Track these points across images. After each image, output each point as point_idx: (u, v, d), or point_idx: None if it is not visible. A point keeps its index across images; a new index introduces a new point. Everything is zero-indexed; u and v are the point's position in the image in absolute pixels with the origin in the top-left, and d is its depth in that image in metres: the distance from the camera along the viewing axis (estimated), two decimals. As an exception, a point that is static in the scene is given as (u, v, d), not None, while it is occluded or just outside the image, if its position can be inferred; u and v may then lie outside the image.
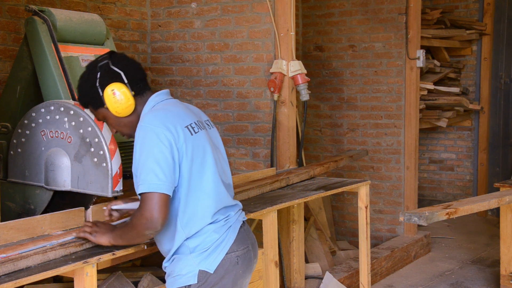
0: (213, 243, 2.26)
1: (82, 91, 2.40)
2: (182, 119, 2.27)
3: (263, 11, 4.47)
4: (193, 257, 2.25)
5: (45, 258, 2.31)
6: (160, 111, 2.27)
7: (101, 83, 2.32)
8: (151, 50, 5.04)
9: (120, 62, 2.36)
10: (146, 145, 2.16)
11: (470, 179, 7.81)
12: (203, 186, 2.27)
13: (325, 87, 6.26)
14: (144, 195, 2.14)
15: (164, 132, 2.17)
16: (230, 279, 2.28)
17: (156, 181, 2.13)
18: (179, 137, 2.20)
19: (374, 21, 5.94)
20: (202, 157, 2.27)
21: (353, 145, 6.15)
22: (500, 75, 7.55)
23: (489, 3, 7.50)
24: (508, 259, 4.56)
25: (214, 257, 2.26)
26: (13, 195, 3.19)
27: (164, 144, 2.16)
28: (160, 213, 2.13)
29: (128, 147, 3.37)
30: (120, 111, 2.32)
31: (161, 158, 2.14)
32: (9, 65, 3.85)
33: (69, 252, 2.41)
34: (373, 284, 4.91)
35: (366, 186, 4.09)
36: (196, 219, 2.25)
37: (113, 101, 2.30)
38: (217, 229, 2.28)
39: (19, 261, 2.22)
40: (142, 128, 2.21)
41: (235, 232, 2.33)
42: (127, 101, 2.31)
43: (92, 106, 2.40)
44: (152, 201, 2.12)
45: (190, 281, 2.24)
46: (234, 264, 2.29)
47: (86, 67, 2.43)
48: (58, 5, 4.23)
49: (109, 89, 2.30)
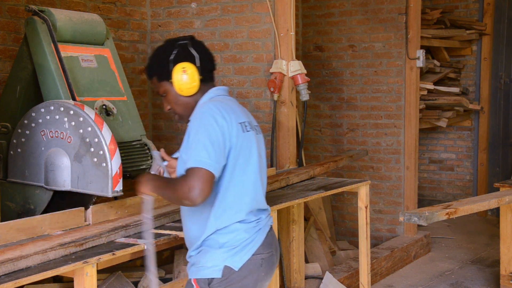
0: (242, 242, 2.30)
1: (153, 62, 2.47)
2: (237, 115, 2.35)
3: (263, 11, 4.47)
4: (221, 252, 2.29)
5: (45, 258, 2.31)
6: (219, 102, 2.36)
7: (174, 59, 2.39)
8: (151, 50, 5.04)
9: (198, 47, 2.44)
10: (203, 126, 2.24)
11: (470, 179, 7.81)
12: (244, 183, 2.33)
13: (325, 87, 6.26)
14: (193, 169, 2.18)
15: (221, 120, 2.26)
16: (252, 280, 2.31)
17: (207, 158, 2.18)
18: (232, 129, 2.28)
19: (374, 21, 5.94)
20: (247, 155, 2.34)
21: (353, 145, 6.15)
22: (500, 75, 7.55)
23: (489, 3, 7.49)
24: (508, 259, 4.56)
25: (241, 255, 2.30)
26: (13, 195, 3.19)
27: (220, 129, 2.25)
28: (203, 188, 2.16)
29: (128, 147, 3.38)
30: (184, 89, 2.39)
31: (215, 140, 2.22)
32: (9, 65, 3.85)
33: (69, 252, 2.41)
34: (373, 284, 4.91)
35: (366, 186, 4.09)
36: (231, 213, 2.30)
37: (180, 78, 2.37)
38: (248, 229, 2.33)
39: (19, 261, 2.22)
40: (201, 113, 2.29)
41: (263, 235, 2.38)
42: (192, 82, 2.38)
43: (157, 78, 2.45)
44: (199, 175, 2.17)
45: (214, 274, 2.27)
46: (258, 266, 2.33)
47: (165, 42, 2.50)
48: (58, 5, 4.23)
49: (181, 66, 2.37)
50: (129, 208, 3.11)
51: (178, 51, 2.40)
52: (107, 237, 2.62)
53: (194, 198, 2.16)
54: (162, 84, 2.44)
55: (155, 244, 2.64)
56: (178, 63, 2.38)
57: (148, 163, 3.42)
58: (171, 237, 2.73)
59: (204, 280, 2.28)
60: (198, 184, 2.15)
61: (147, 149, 3.45)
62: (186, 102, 2.42)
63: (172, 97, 2.43)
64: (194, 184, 2.15)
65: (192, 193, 2.15)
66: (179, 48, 2.41)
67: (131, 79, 4.82)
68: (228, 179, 2.28)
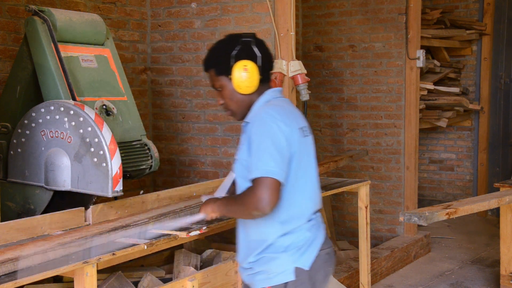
0: (306, 241, 2.32)
1: (214, 55, 2.45)
2: (296, 120, 2.35)
3: (263, 11, 4.46)
4: (288, 256, 2.29)
5: (45, 258, 2.31)
6: (279, 107, 2.34)
7: (237, 55, 2.36)
8: (151, 50, 5.04)
9: (261, 47, 2.42)
10: (267, 134, 2.23)
11: (470, 179, 7.81)
12: (307, 188, 2.35)
13: (325, 87, 6.26)
14: (260, 178, 2.17)
15: (284, 127, 2.25)
16: (321, 275, 2.35)
17: (274, 167, 2.18)
18: (294, 135, 2.28)
19: (374, 21, 5.94)
20: (307, 160, 2.35)
21: (353, 145, 6.15)
22: (500, 75, 7.55)
23: (489, 3, 7.49)
24: (508, 259, 4.56)
25: (308, 254, 2.31)
26: (13, 195, 3.19)
27: (284, 136, 2.24)
28: (273, 198, 2.16)
29: (128, 147, 3.37)
30: (242, 87, 2.36)
31: (280, 148, 2.22)
32: (9, 65, 3.85)
33: (69, 252, 2.41)
34: (373, 284, 4.91)
35: (366, 186, 4.09)
36: (296, 218, 2.32)
37: (240, 75, 2.35)
38: (309, 228, 2.34)
39: (19, 261, 2.22)
40: (263, 119, 2.26)
41: (323, 231, 2.41)
42: (252, 81, 2.36)
43: (215, 72, 2.42)
44: (267, 184, 2.16)
45: (287, 278, 2.28)
46: (325, 261, 2.37)
47: (227, 36, 2.48)
48: (58, 5, 4.23)
49: (242, 64, 2.35)
50: (129, 208, 3.11)
51: (241, 47, 2.38)
52: (107, 237, 2.62)
53: (264, 208, 2.17)
54: (219, 78, 2.42)
55: (155, 244, 2.64)
56: (240, 60, 2.36)
57: (148, 163, 3.42)
58: (171, 237, 2.73)
59: (280, 286, 2.29)
60: (267, 194, 2.15)
61: (147, 149, 3.45)
62: (241, 100, 2.41)
63: (228, 92, 2.41)
64: (263, 195, 2.16)
65: (261, 203, 2.16)
66: (242, 45, 2.38)
67: (131, 79, 4.82)
68: (292, 184, 2.28)
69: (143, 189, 4.62)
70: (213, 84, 2.46)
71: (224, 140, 4.74)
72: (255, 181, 2.18)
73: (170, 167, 5.00)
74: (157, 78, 5.03)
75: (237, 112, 2.44)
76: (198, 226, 2.87)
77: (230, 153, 4.71)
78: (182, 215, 3.10)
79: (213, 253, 3.57)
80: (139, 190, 4.29)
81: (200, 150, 4.86)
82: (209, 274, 2.89)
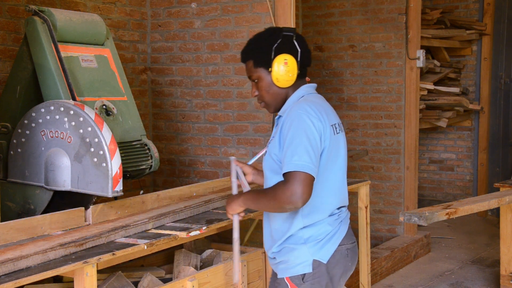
0: (326, 235, 2.35)
1: (254, 46, 2.46)
2: (329, 117, 2.37)
3: (263, 11, 4.46)
4: (307, 248, 2.33)
5: (45, 258, 2.31)
6: (314, 103, 2.36)
7: (278, 48, 2.38)
8: (151, 50, 5.04)
9: (302, 42, 2.44)
10: (302, 129, 2.25)
11: (470, 179, 7.80)
12: (332, 184, 2.37)
13: (325, 87, 6.26)
14: (294, 172, 2.20)
15: (318, 123, 2.28)
16: (340, 270, 2.38)
17: (308, 162, 2.20)
18: (326, 131, 2.31)
19: (374, 21, 5.94)
20: (336, 156, 2.38)
21: (353, 145, 6.15)
22: (500, 75, 7.55)
23: (489, 3, 7.49)
24: (508, 259, 4.56)
25: (327, 248, 2.35)
26: (13, 195, 3.19)
27: (318, 132, 2.27)
28: (306, 191, 2.19)
29: (128, 147, 3.37)
30: (281, 80, 2.39)
31: (314, 143, 2.25)
32: (9, 65, 3.85)
33: (69, 252, 2.41)
34: (373, 284, 4.91)
35: (366, 186, 4.09)
36: (318, 212, 2.35)
37: (280, 69, 2.37)
38: (331, 222, 2.38)
39: (19, 261, 2.22)
40: (298, 115, 2.28)
41: (346, 226, 2.45)
42: (291, 75, 2.39)
43: (254, 63, 2.44)
44: (301, 179, 2.18)
45: (305, 270, 2.32)
46: (344, 256, 2.39)
47: (268, 29, 2.51)
48: (58, 5, 4.23)
49: (283, 57, 2.37)
50: (129, 208, 3.11)
51: (283, 41, 2.39)
52: (107, 237, 2.62)
53: (297, 202, 2.19)
54: (257, 70, 2.43)
55: (155, 244, 2.64)
56: (281, 53, 2.38)
57: (148, 163, 3.42)
58: (171, 237, 2.73)
59: (298, 277, 2.33)
60: (300, 188, 2.18)
61: (147, 149, 3.45)
62: (277, 93, 2.43)
63: (265, 84, 2.43)
64: (296, 189, 2.18)
65: (295, 197, 2.18)
66: (283, 39, 2.40)
67: (131, 79, 4.82)
68: (319, 179, 2.30)
69: (143, 189, 4.61)
70: (250, 75, 2.47)
71: (224, 140, 4.74)
72: (289, 175, 2.20)
73: (170, 167, 5.01)
74: (157, 78, 5.03)
75: (272, 105, 2.46)
76: (198, 226, 2.87)
77: (230, 153, 4.71)
78: (182, 215, 3.10)
79: (213, 253, 3.57)
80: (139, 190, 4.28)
81: (200, 150, 4.86)
82: (209, 274, 2.89)
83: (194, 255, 3.49)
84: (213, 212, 3.27)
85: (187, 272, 3.13)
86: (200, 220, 3.05)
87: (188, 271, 3.14)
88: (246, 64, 2.49)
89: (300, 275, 2.33)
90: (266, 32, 2.49)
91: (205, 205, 3.31)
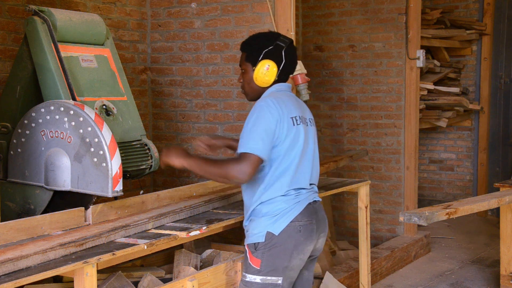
0: (281, 211, 2.68)
1: (251, 43, 2.84)
2: (290, 110, 2.72)
3: (263, 11, 4.46)
4: (263, 220, 2.69)
5: (45, 258, 2.32)
6: (277, 98, 2.72)
7: (267, 53, 2.77)
8: (151, 50, 5.04)
9: (290, 55, 2.82)
10: (261, 117, 2.64)
11: (470, 179, 7.80)
12: (287, 167, 2.70)
13: (325, 87, 6.26)
14: (247, 154, 2.59)
15: (275, 114, 2.65)
16: (291, 243, 2.67)
17: (260, 146, 2.60)
18: (283, 122, 2.67)
19: (374, 21, 5.94)
20: (294, 144, 2.71)
21: (353, 145, 6.15)
22: (500, 75, 7.55)
23: (489, 3, 7.49)
24: (508, 259, 4.56)
25: (280, 222, 2.67)
26: (13, 195, 3.19)
27: (274, 120, 2.64)
28: (251, 171, 2.58)
29: (128, 147, 3.37)
30: (259, 80, 2.79)
31: (268, 129, 2.63)
32: (9, 65, 3.85)
33: (69, 252, 2.41)
34: (373, 284, 4.91)
35: (366, 186, 4.09)
36: (273, 189, 2.69)
37: (260, 71, 2.77)
38: (286, 200, 2.69)
39: (19, 261, 2.22)
40: (260, 106, 2.67)
41: (302, 206, 2.72)
42: (268, 80, 2.78)
43: (246, 57, 2.82)
44: (252, 160, 2.58)
45: (259, 239, 2.67)
46: (297, 231, 2.68)
47: (268, 33, 2.96)
48: (58, 5, 4.23)
49: (267, 62, 2.76)
50: (129, 208, 3.11)
51: (274, 48, 2.78)
52: (107, 237, 2.62)
53: (242, 179, 2.59)
54: (247, 64, 2.82)
55: (155, 244, 2.64)
56: (267, 58, 2.77)
57: (148, 163, 3.42)
58: (171, 237, 2.73)
59: (252, 245, 2.69)
60: (249, 168, 2.57)
61: (147, 149, 3.45)
62: (255, 88, 2.84)
63: (247, 77, 2.83)
64: (245, 168, 2.57)
65: (242, 175, 2.57)
66: (275, 47, 2.78)
67: (131, 79, 4.82)
68: (277, 162, 2.67)
69: (143, 189, 4.61)
70: (240, 64, 2.87)
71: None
72: (243, 155, 2.59)
73: (170, 167, 5.00)
74: (157, 78, 5.03)
75: (250, 94, 2.87)
76: (198, 226, 2.87)
77: (230, 153, 4.70)
78: (182, 215, 3.10)
79: (213, 253, 3.57)
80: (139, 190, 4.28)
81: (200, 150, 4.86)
82: (209, 274, 2.89)
83: (194, 255, 3.49)
84: (213, 212, 3.27)
85: (187, 272, 3.13)
86: (200, 220, 3.05)
87: (188, 271, 3.14)
88: (242, 53, 2.86)
89: (254, 244, 2.68)
90: (266, 35, 2.89)
91: (205, 205, 3.31)
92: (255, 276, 2.68)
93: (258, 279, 2.67)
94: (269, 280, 2.66)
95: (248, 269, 2.71)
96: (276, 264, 2.66)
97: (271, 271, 2.66)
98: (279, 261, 2.66)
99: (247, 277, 2.70)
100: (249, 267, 2.70)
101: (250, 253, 2.70)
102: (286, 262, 2.67)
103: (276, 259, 2.66)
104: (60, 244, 2.46)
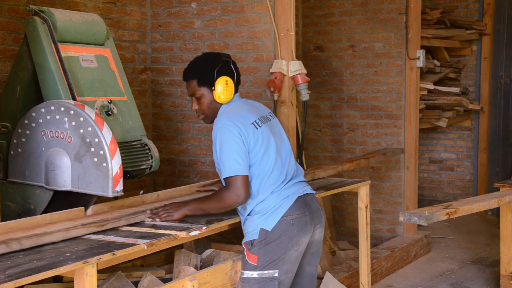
0: (271, 208, 2.80)
1: (197, 68, 2.91)
2: (247, 118, 2.83)
3: (263, 11, 4.46)
4: (256, 218, 2.81)
5: (68, 235, 2.51)
6: (230, 113, 2.83)
7: (219, 71, 2.86)
8: (151, 50, 5.04)
9: (235, 67, 2.95)
10: (225, 141, 2.74)
11: (470, 179, 7.81)
12: (268, 168, 2.82)
13: (325, 87, 6.26)
14: (230, 178, 2.73)
15: (236, 129, 2.75)
16: (286, 237, 2.78)
17: (238, 166, 2.72)
18: (248, 133, 2.78)
19: (374, 21, 5.94)
20: (267, 146, 2.83)
21: (353, 145, 6.15)
22: (500, 75, 7.55)
23: (489, 3, 7.49)
24: (508, 259, 4.56)
25: (271, 218, 2.78)
26: (13, 195, 3.19)
27: (238, 137, 2.75)
28: (245, 190, 2.73)
29: (128, 147, 3.38)
30: (223, 97, 2.87)
31: (238, 148, 2.74)
32: (9, 65, 3.85)
33: (90, 231, 2.60)
34: (373, 284, 4.91)
35: (366, 186, 4.09)
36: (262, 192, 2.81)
37: (222, 88, 2.85)
38: (274, 198, 2.81)
39: (44, 237, 2.42)
40: (219, 128, 2.77)
41: (291, 200, 2.82)
42: (229, 94, 2.89)
43: (198, 83, 2.89)
44: (237, 182, 2.72)
45: (254, 237, 2.79)
46: (289, 225, 2.79)
47: (207, 54, 3.01)
48: (58, 5, 4.23)
49: (224, 79, 2.86)
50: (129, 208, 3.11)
51: (222, 65, 2.87)
52: (127, 220, 2.79)
53: (241, 201, 2.75)
54: (200, 89, 2.88)
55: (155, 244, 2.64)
56: (222, 75, 2.86)
57: (148, 163, 3.42)
58: (171, 237, 2.73)
59: (248, 242, 2.81)
60: (242, 190, 2.72)
61: (147, 149, 3.45)
62: (216, 108, 2.91)
63: (207, 101, 2.89)
64: (239, 191, 2.72)
65: (240, 198, 2.74)
66: (222, 63, 2.88)
67: (131, 79, 4.82)
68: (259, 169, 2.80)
69: (143, 189, 4.62)
70: (193, 92, 2.91)
71: (224, 140, 4.74)
72: (229, 180, 2.74)
73: (170, 167, 5.01)
74: (157, 78, 5.03)
75: (210, 117, 2.94)
76: (198, 226, 2.87)
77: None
78: None
79: (213, 253, 3.57)
80: (139, 190, 4.29)
81: (200, 150, 4.87)
82: (209, 274, 2.89)
83: (194, 255, 3.49)
84: (213, 212, 3.27)
85: (187, 272, 3.13)
86: (200, 220, 3.05)
87: (188, 271, 3.14)
88: (188, 82, 2.92)
89: (250, 241, 2.80)
90: (207, 55, 2.98)
91: (205, 205, 3.31)
92: (252, 272, 2.77)
93: (255, 274, 2.77)
94: (266, 274, 2.76)
95: (245, 266, 2.81)
96: (272, 258, 2.76)
97: (267, 265, 2.76)
98: (275, 255, 2.76)
99: (245, 274, 2.80)
100: (247, 264, 2.80)
101: (247, 251, 2.81)
102: (282, 255, 2.77)
103: (272, 253, 2.76)
104: (83, 224, 2.61)
